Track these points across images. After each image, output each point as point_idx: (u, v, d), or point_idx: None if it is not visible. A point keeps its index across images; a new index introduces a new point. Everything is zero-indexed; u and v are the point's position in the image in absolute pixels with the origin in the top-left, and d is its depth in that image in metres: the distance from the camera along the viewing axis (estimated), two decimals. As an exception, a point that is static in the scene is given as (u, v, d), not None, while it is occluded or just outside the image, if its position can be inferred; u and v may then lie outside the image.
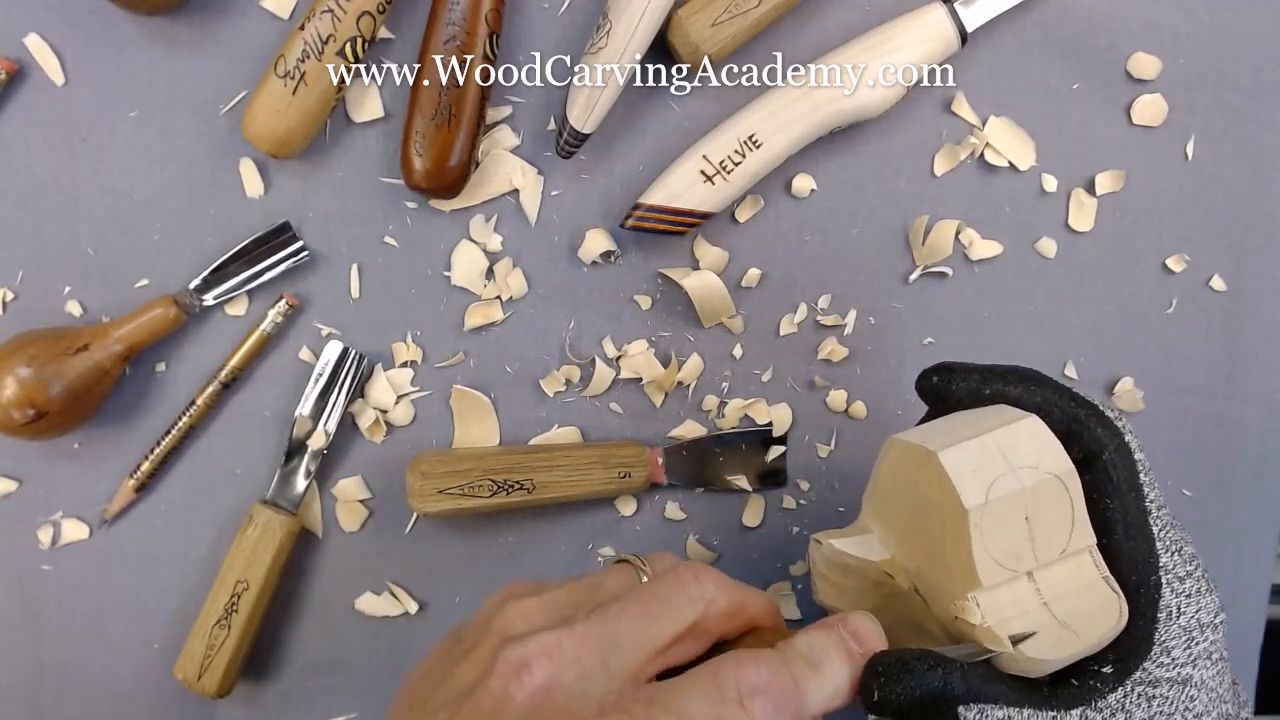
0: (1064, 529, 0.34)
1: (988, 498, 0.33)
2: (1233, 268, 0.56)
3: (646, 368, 0.52)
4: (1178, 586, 0.35)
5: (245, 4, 0.49)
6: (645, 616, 0.33)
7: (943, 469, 0.33)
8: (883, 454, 0.39)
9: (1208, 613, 0.36)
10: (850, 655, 0.33)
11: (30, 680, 0.50)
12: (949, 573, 0.35)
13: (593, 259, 0.51)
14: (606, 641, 0.32)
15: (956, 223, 0.53)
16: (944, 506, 0.34)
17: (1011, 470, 0.33)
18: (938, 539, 0.35)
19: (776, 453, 0.53)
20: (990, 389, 0.37)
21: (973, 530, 0.33)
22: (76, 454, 0.50)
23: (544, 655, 0.31)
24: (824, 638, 0.33)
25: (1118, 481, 0.35)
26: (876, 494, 0.40)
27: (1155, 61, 0.54)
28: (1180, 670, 0.35)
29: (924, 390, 0.40)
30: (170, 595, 0.51)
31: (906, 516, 0.37)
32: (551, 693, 0.31)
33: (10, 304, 0.49)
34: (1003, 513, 0.33)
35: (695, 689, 0.31)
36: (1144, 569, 0.35)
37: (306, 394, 0.49)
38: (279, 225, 0.49)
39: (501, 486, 0.49)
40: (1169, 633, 0.35)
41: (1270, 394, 0.57)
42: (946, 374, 0.38)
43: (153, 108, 0.49)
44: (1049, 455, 0.34)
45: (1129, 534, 0.35)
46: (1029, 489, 0.33)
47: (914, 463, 0.36)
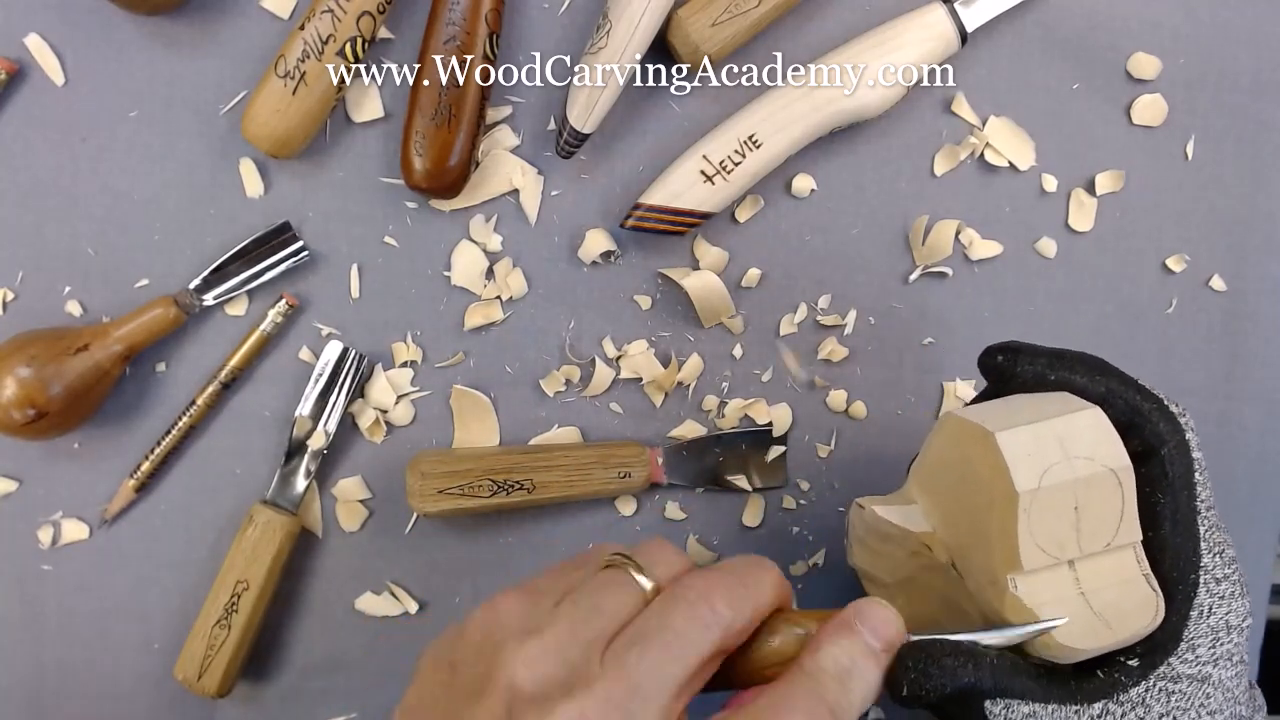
0: (1112, 522, 0.34)
1: (1040, 483, 0.33)
2: (1233, 268, 0.56)
3: (646, 368, 0.52)
4: (1214, 587, 0.36)
5: (245, 4, 0.49)
6: (664, 659, 0.31)
7: (999, 450, 0.33)
8: (937, 428, 0.39)
9: (1237, 615, 0.36)
10: (875, 656, 0.33)
11: (30, 680, 0.50)
12: (990, 552, 0.35)
13: (593, 259, 0.51)
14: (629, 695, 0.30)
15: (956, 223, 0.53)
16: (995, 487, 0.34)
17: (1067, 459, 0.34)
18: (983, 518, 0.35)
19: (776, 453, 0.53)
20: (1056, 375, 0.37)
21: (1021, 514, 0.33)
22: (76, 454, 0.50)
23: None
24: (847, 647, 0.33)
25: (1173, 478, 0.35)
26: (925, 467, 0.40)
27: (1155, 61, 0.54)
28: (1202, 668, 0.35)
29: (987, 368, 0.39)
30: (170, 595, 0.51)
31: (954, 492, 0.37)
32: None
33: (10, 304, 0.49)
34: (1053, 500, 0.33)
35: None
36: (1185, 567, 0.35)
37: (306, 394, 0.49)
38: (279, 225, 0.49)
39: (501, 486, 0.49)
40: (1197, 631, 0.35)
41: (1270, 394, 0.57)
42: (1013, 355, 0.38)
43: (153, 108, 0.49)
44: (1106, 448, 0.34)
45: (1176, 530, 0.35)
46: (1082, 479, 0.33)
47: (970, 440, 0.35)
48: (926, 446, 0.40)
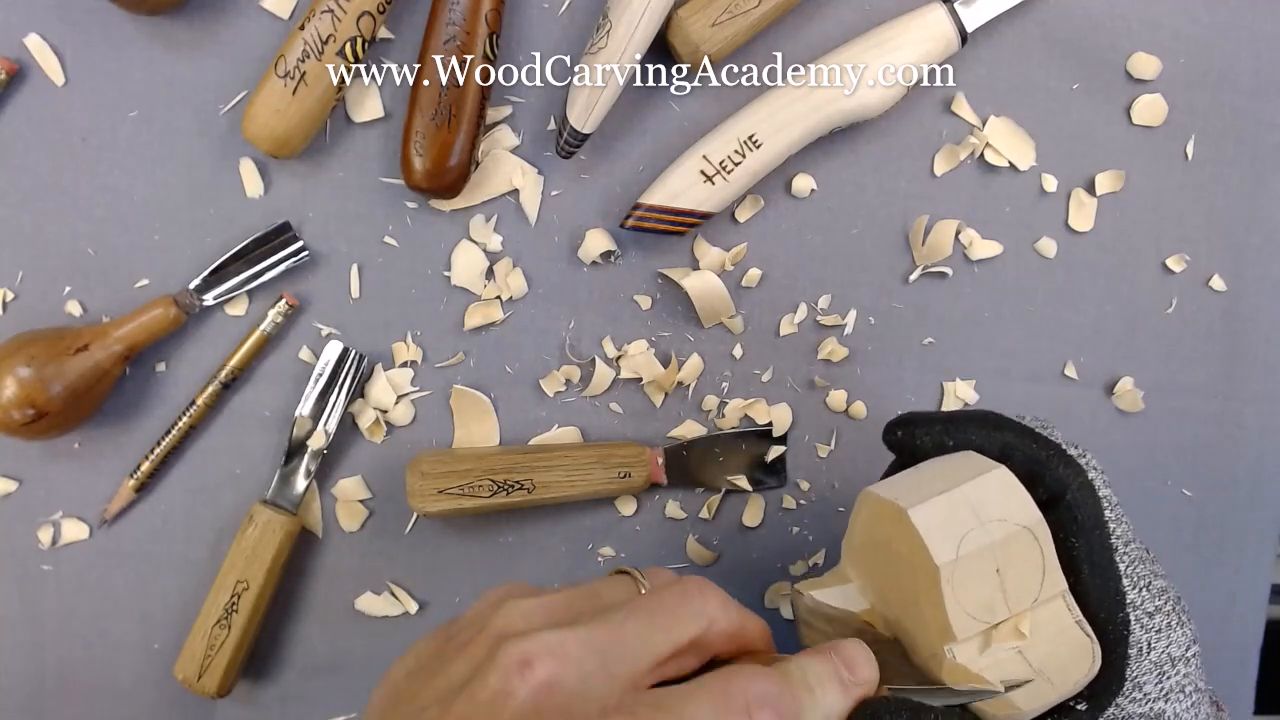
0: (1035, 578, 0.34)
1: (958, 553, 0.34)
2: (1233, 268, 0.56)
3: (646, 368, 0.52)
4: (1147, 622, 0.36)
5: (245, 4, 0.49)
6: (650, 626, 0.32)
7: (913, 526, 0.34)
8: (858, 506, 0.39)
9: (1179, 646, 0.36)
10: (843, 684, 0.33)
11: (30, 680, 0.50)
12: (925, 625, 0.35)
13: (593, 259, 0.51)
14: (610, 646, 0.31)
15: (956, 223, 0.53)
16: (916, 562, 0.34)
17: (981, 524, 0.34)
18: (912, 593, 0.36)
19: (776, 453, 0.53)
20: (953, 439, 0.38)
21: (945, 586, 0.34)
22: (76, 454, 0.50)
23: (548, 653, 0.30)
24: (819, 665, 0.33)
25: (1082, 520, 0.36)
26: (854, 544, 0.40)
27: (1155, 61, 0.54)
28: (1153, 705, 0.35)
29: (890, 444, 0.40)
30: (170, 595, 0.51)
31: (883, 568, 0.38)
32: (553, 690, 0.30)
33: (10, 304, 0.49)
34: (974, 567, 0.34)
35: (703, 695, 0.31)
36: (1111, 606, 0.35)
37: (306, 394, 0.49)
38: (279, 225, 0.49)
39: (501, 486, 0.49)
40: (1140, 669, 0.35)
41: (1270, 394, 0.57)
42: (909, 427, 0.39)
43: (153, 108, 0.49)
44: (1017, 506, 0.34)
45: (1095, 572, 0.36)
46: (999, 542, 0.34)
47: (887, 518, 0.36)
48: (851, 525, 0.40)
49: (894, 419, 0.40)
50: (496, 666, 0.30)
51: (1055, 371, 0.55)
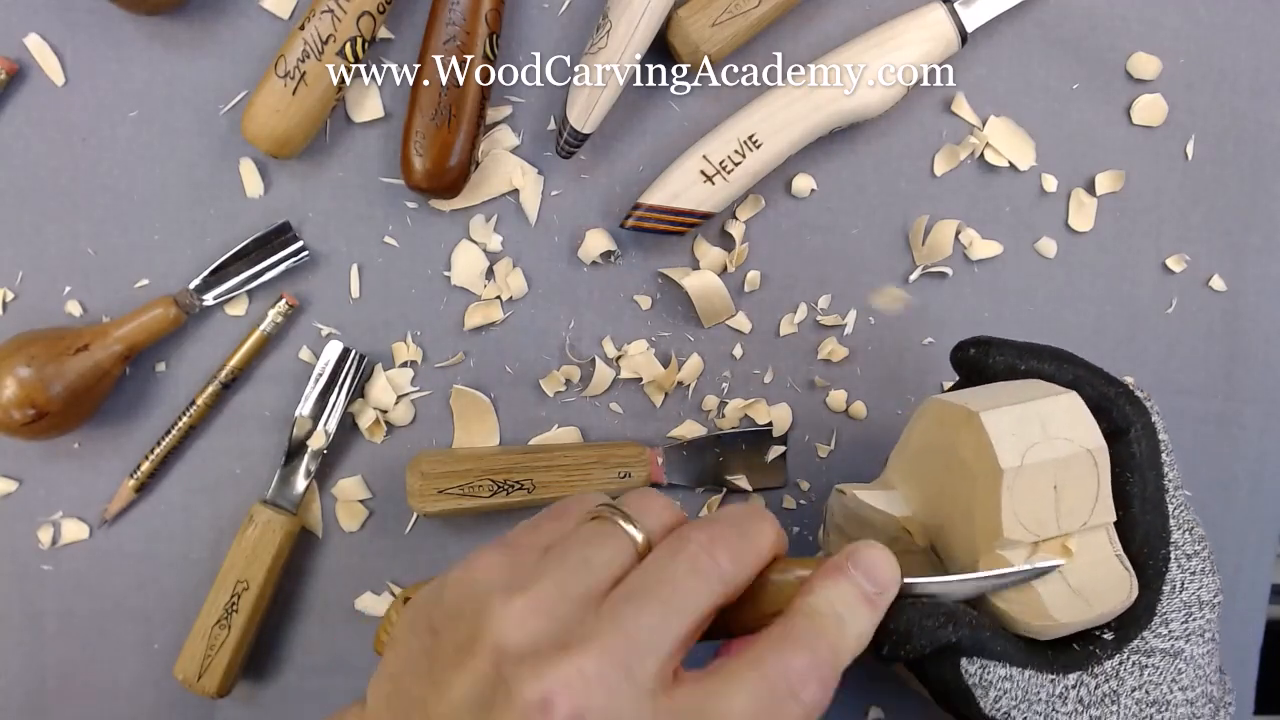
0: (1088, 502, 0.35)
1: (1023, 461, 0.34)
2: (1233, 268, 0.56)
3: (646, 368, 0.52)
4: (1185, 563, 0.37)
5: (245, 4, 0.49)
6: (664, 614, 0.30)
7: (983, 429, 0.35)
8: (918, 414, 0.40)
9: (1208, 591, 0.37)
10: (869, 600, 0.33)
11: (30, 680, 0.50)
12: (972, 530, 0.36)
13: (593, 259, 0.51)
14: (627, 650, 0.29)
15: (956, 223, 0.53)
16: (978, 466, 0.35)
17: (1047, 440, 0.35)
18: (965, 498, 0.36)
19: (776, 453, 0.53)
20: (1026, 365, 0.38)
21: (1005, 491, 0.34)
22: (76, 454, 0.50)
23: (566, 687, 0.28)
24: (841, 589, 0.32)
25: (1140, 458, 0.37)
26: (906, 453, 0.41)
27: (1155, 61, 0.54)
28: (1175, 643, 0.36)
29: (960, 362, 0.40)
30: (170, 595, 0.51)
31: (935, 476, 0.38)
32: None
33: (10, 304, 0.49)
34: (1034, 478, 0.35)
35: (742, 690, 0.29)
36: (1155, 543, 0.36)
37: (306, 394, 0.49)
38: (279, 225, 0.49)
39: (501, 486, 0.49)
40: (1170, 605, 0.36)
41: (1270, 394, 0.57)
42: (984, 347, 0.39)
43: (153, 108, 0.49)
44: (1084, 430, 0.35)
45: (1145, 508, 0.36)
46: (1061, 459, 0.35)
47: (953, 423, 0.37)
48: (907, 433, 0.41)
49: (967, 339, 0.40)
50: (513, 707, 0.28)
51: (1055, 371, 0.55)
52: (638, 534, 0.33)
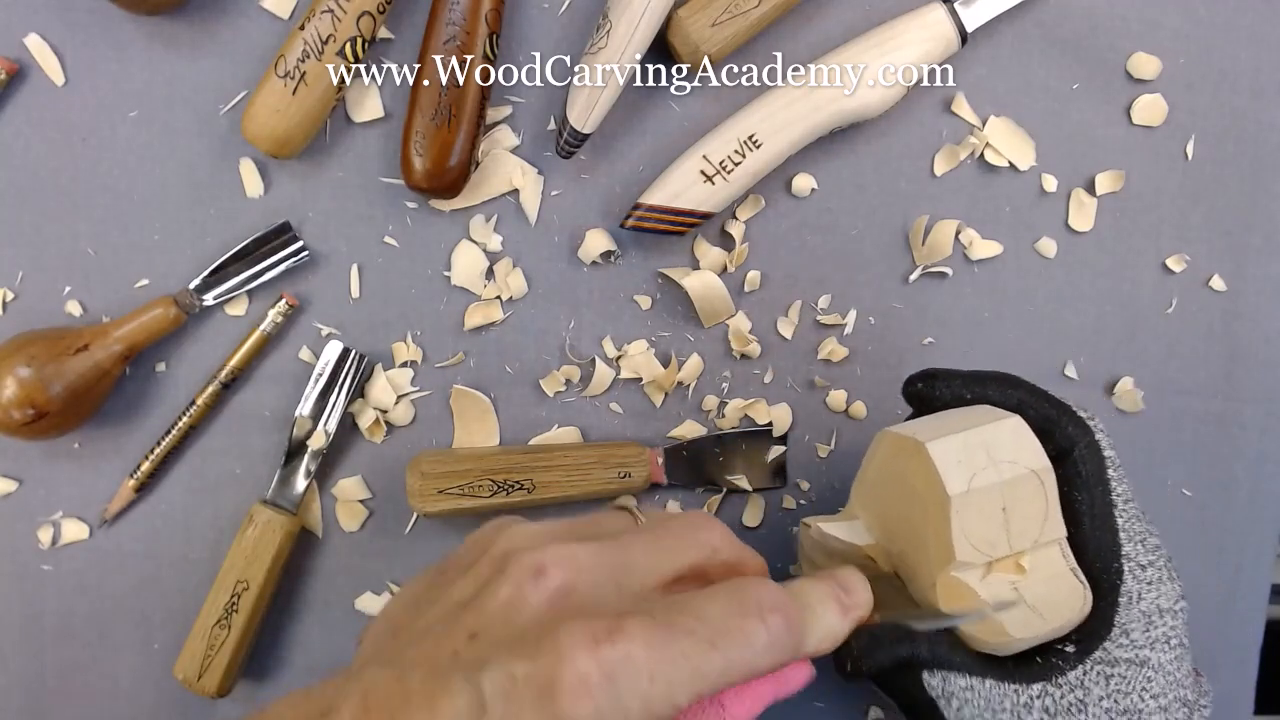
0: (1037, 521, 0.36)
1: (970, 486, 0.36)
2: (1233, 268, 0.56)
3: (646, 368, 0.52)
4: (1139, 574, 0.38)
5: (245, 4, 0.49)
6: (656, 548, 0.33)
7: (930, 458, 0.36)
8: (874, 446, 0.41)
9: (1168, 599, 0.38)
10: (842, 606, 0.35)
11: (30, 680, 0.50)
12: (928, 556, 0.37)
13: (593, 259, 0.51)
14: (618, 561, 0.32)
15: (956, 223, 0.53)
16: (929, 494, 0.36)
17: (993, 464, 0.36)
18: (920, 525, 0.37)
19: (776, 453, 0.53)
20: (971, 393, 0.40)
21: (954, 516, 0.36)
22: (76, 454, 0.50)
23: (560, 561, 0.30)
24: (819, 587, 0.35)
25: (1086, 476, 0.38)
26: (865, 484, 0.42)
27: (1155, 61, 0.54)
28: (1139, 652, 0.37)
29: (909, 396, 0.42)
30: (170, 595, 0.51)
31: (892, 504, 0.40)
32: (568, 596, 0.30)
33: (10, 304, 0.49)
34: (982, 502, 0.36)
35: (717, 598, 0.31)
36: (1107, 557, 0.38)
37: (306, 394, 0.49)
38: (279, 225, 0.49)
39: (501, 486, 0.49)
40: (1129, 616, 0.37)
41: (1270, 394, 0.57)
42: (930, 380, 0.41)
43: (153, 108, 0.49)
44: (1028, 452, 0.37)
45: (1095, 524, 0.38)
46: (1008, 482, 0.36)
47: (904, 453, 0.38)
48: (865, 464, 0.42)
49: (914, 373, 0.41)
50: (507, 577, 0.30)
51: (1055, 371, 0.55)
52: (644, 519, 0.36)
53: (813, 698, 0.54)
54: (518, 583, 0.30)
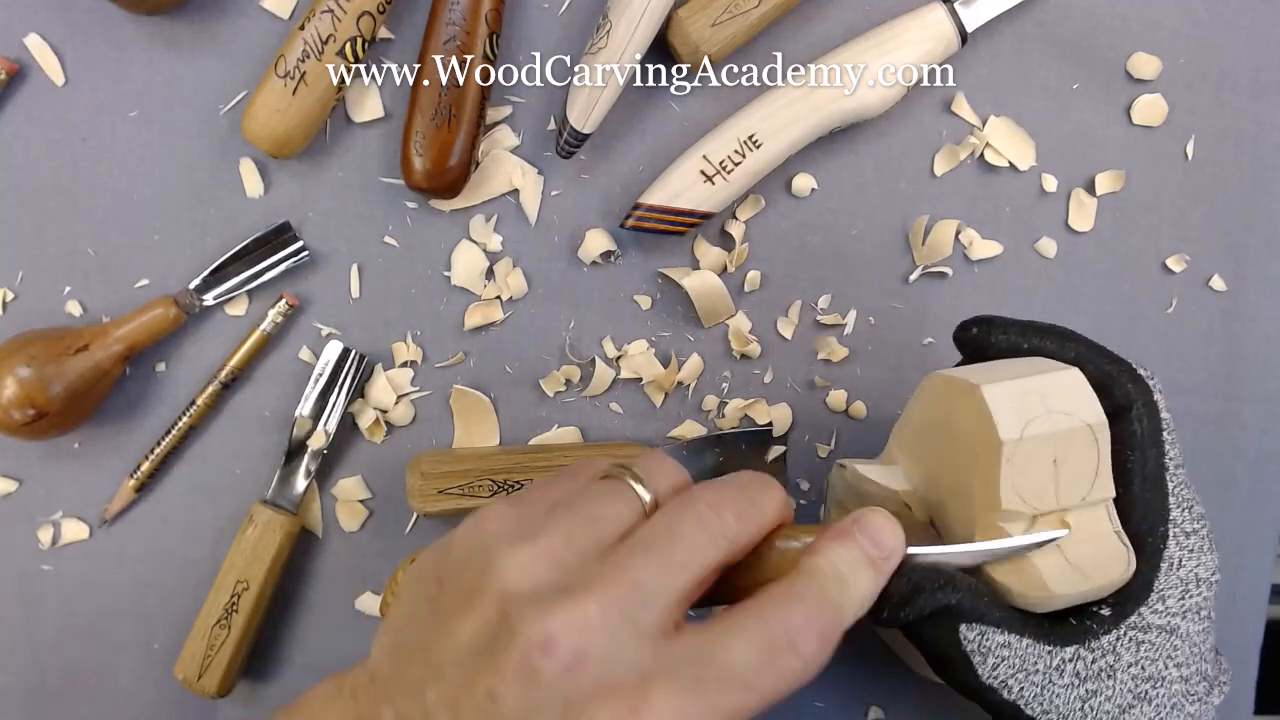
0: (1088, 478, 0.35)
1: (1023, 434, 0.35)
2: (1233, 268, 0.56)
3: (646, 368, 0.52)
4: (1183, 541, 0.37)
5: (245, 4, 0.49)
6: (669, 566, 0.31)
7: (984, 402, 0.35)
8: (920, 390, 0.40)
9: (1206, 569, 0.37)
10: (873, 564, 0.33)
11: (30, 680, 0.50)
12: (970, 503, 0.36)
13: (593, 259, 0.51)
14: (631, 597, 0.30)
15: (956, 223, 0.53)
16: (979, 438, 0.35)
17: (1048, 414, 0.35)
18: (965, 471, 0.37)
19: (776, 453, 0.53)
20: (1028, 343, 0.39)
21: (1004, 462, 0.34)
22: (76, 454, 0.50)
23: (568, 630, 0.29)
24: (847, 552, 0.33)
25: (1141, 436, 0.37)
26: (907, 429, 0.41)
27: (1155, 61, 0.54)
28: (1171, 620, 0.36)
29: (963, 341, 0.41)
30: (170, 595, 0.51)
31: (936, 450, 0.39)
32: (584, 662, 0.29)
33: (10, 304, 0.49)
34: (1034, 451, 0.35)
35: (742, 639, 0.30)
36: (1154, 520, 0.37)
37: (306, 394, 0.49)
38: (279, 225, 0.49)
39: (501, 486, 0.49)
40: (1168, 582, 0.36)
41: (1270, 394, 0.57)
42: (987, 326, 0.39)
43: (153, 108, 0.49)
44: (1085, 405, 0.36)
45: (1145, 486, 0.37)
46: (1061, 433, 0.35)
47: (955, 396, 0.37)
48: (909, 409, 0.41)
49: (970, 318, 0.40)
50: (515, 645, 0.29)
51: (1055, 371, 0.55)
52: (646, 494, 0.33)
53: (813, 698, 0.54)
54: (527, 653, 0.29)
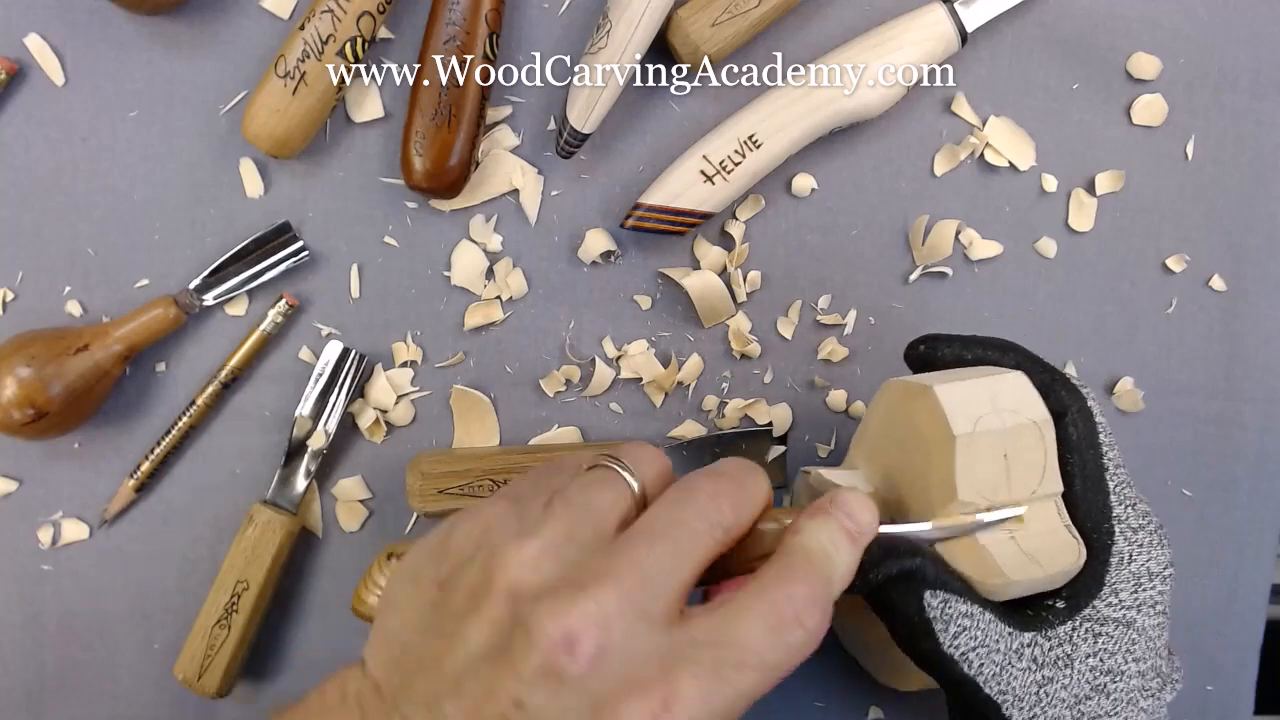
0: (1036, 472, 0.38)
1: (975, 429, 0.37)
2: (1233, 268, 0.56)
3: (646, 368, 0.52)
4: (1130, 536, 0.39)
5: (245, 4, 0.49)
6: (672, 554, 0.32)
7: (938, 401, 0.38)
8: (877, 397, 0.43)
9: (1157, 563, 0.39)
10: (851, 537, 0.35)
11: (30, 680, 0.50)
12: (929, 499, 0.38)
13: (593, 259, 0.51)
14: (641, 588, 0.30)
15: (956, 223, 0.53)
16: (933, 435, 0.38)
17: (996, 411, 0.38)
18: (923, 469, 0.39)
19: (776, 453, 0.53)
20: (971, 354, 0.42)
21: (958, 455, 0.37)
22: (76, 454, 0.50)
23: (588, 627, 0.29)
24: (827, 528, 0.34)
25: (1078, 439, 0.39)
26: (867, 435, 0.44)
27: (1155, 61, 0.54)
28: (1126, 613, 0.38)
29: (912, 359, 0.44)
30: (170, 595, 0.51)
31: (894, 451, 0.41)
32: (606, 657, 0.29)
33: (10, 304, 0.49)
34: (986, 446, 0.37)
35: (752, 619, 0.31)
36: (1098, 517, 0.39)
37: (306, 394, 0.49)
38: (279, 225, 0.49)
39: (501, 487, 0.49)
40: (1119, 577, 0.38)
41: (1270, 394, 0.57)
42: (932, 341, 0.43)
43: (153, 108, 0.49)
44: (1030, 404, 0.38)
45: (1086, 485, 0.39)
46: (1010, 429, 0.37)
47: (910, 398, 0.40)
48: (868, 415, 0.44)
49: (917, 337, 0.43)
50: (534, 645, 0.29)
51: (1055, 371, 0.55)
52: (634, 482, 0.35)
53: (813, 697, 0.54)
54: (548, 654, 0.29)
